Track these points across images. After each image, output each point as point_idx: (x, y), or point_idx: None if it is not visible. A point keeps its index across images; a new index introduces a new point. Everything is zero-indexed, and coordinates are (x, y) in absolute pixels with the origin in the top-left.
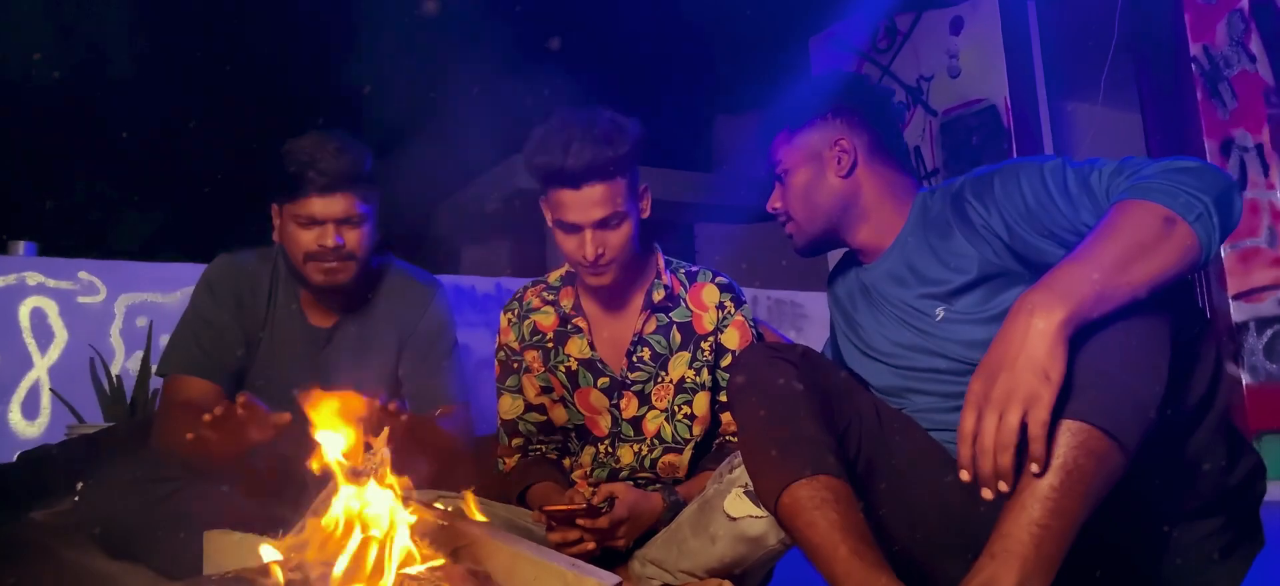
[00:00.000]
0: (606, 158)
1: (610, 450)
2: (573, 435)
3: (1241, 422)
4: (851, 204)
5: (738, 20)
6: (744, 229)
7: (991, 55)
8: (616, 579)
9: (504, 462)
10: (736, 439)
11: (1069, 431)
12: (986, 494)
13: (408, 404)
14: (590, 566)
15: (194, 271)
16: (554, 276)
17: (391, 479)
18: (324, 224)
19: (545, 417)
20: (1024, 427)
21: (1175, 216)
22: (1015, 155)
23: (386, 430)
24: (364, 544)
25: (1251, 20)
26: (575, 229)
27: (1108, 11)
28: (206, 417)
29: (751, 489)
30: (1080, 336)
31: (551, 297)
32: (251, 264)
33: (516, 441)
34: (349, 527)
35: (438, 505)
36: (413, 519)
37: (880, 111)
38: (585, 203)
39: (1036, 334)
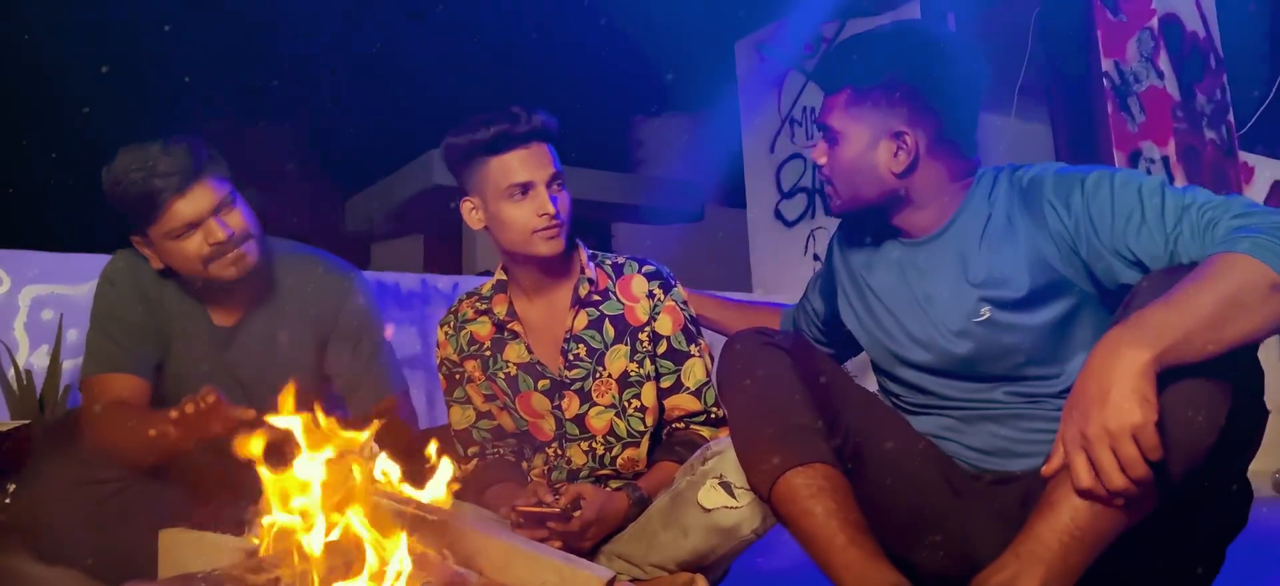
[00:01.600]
0: (548, 122)
1: (560, 452)
2: (523, 443)
3: None
4: (901, 195)
5: (660, 21)
6: (662, 230)
7: None
8: (611, 573)
9: (462, 471)
10: (685, 424)
11: None
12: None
13: (342, 399)
14: (584, 561)
15: (102, 264)
16: (486, 287)
17: (385, 471)
18: (201, 221)
19: (496, 422)
20: None
21: None
22: None
23: (375, 425)
24: (352, 540)
25: (1160, 38)
26: (528, 188)
27: (1022, 27)
28: (174, 413)
29: (726, 480)
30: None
31: (484, 307)
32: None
33: (473, 450)
34: (336, 522)
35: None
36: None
37: (958, 88)
38: (537, 159)
39: (1126, 365)
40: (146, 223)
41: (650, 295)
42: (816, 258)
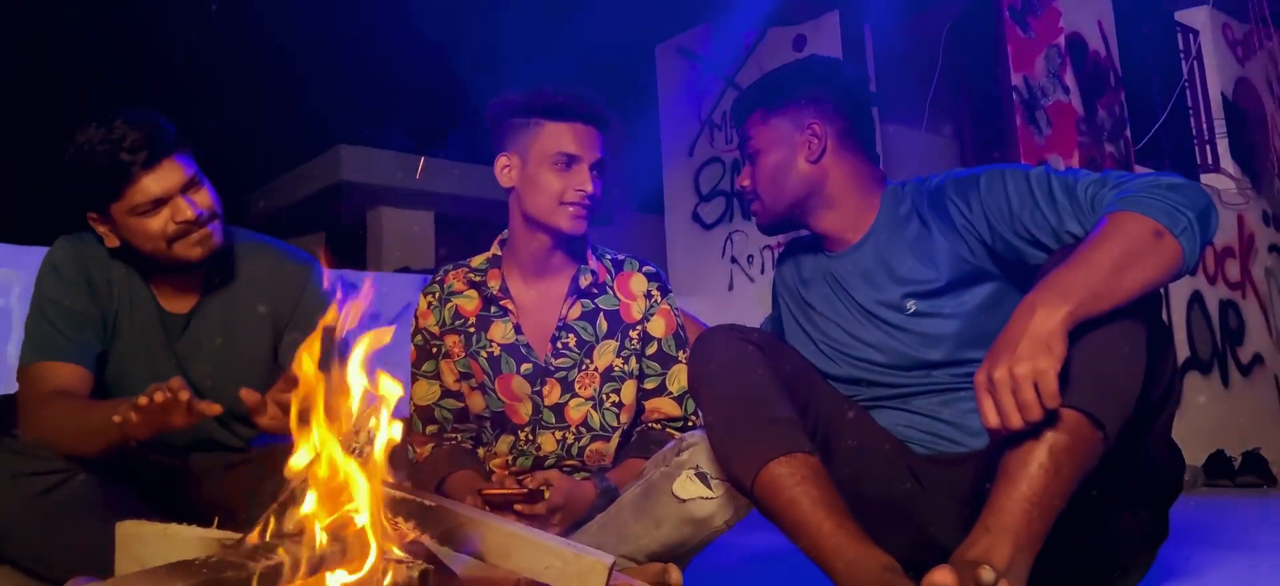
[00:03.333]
0: (608, 113)
1: (531, 437)
2: (488, 424)
3: None
4: (818, 190)
5: (578, 22)
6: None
7: None
8: (612, 558)
9: (416, 451)
10: (661, 427)
11: (1060, 415)
12: None
13: None
14: (586, 546)
15: (19, 254)
16: (478, 260)
17: (378, 458)
18: (169, 199)
19: (462, 405)
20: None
21: (1163, 229)
22: None
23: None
24: (348, 524)
25: (1067, 55)
26: (574, 161)
27: (933, 42)
28: (142, 400)
29: (702, 471)
30: (1071, 334)
31: (477, 279)
32: (95, 247)
33: (431, 428)
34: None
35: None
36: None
37: (855, 99)
38: (590, 140)
39: (1039, 322)
40: (110, 198)
41: (648, 295)
42: (734, 260)
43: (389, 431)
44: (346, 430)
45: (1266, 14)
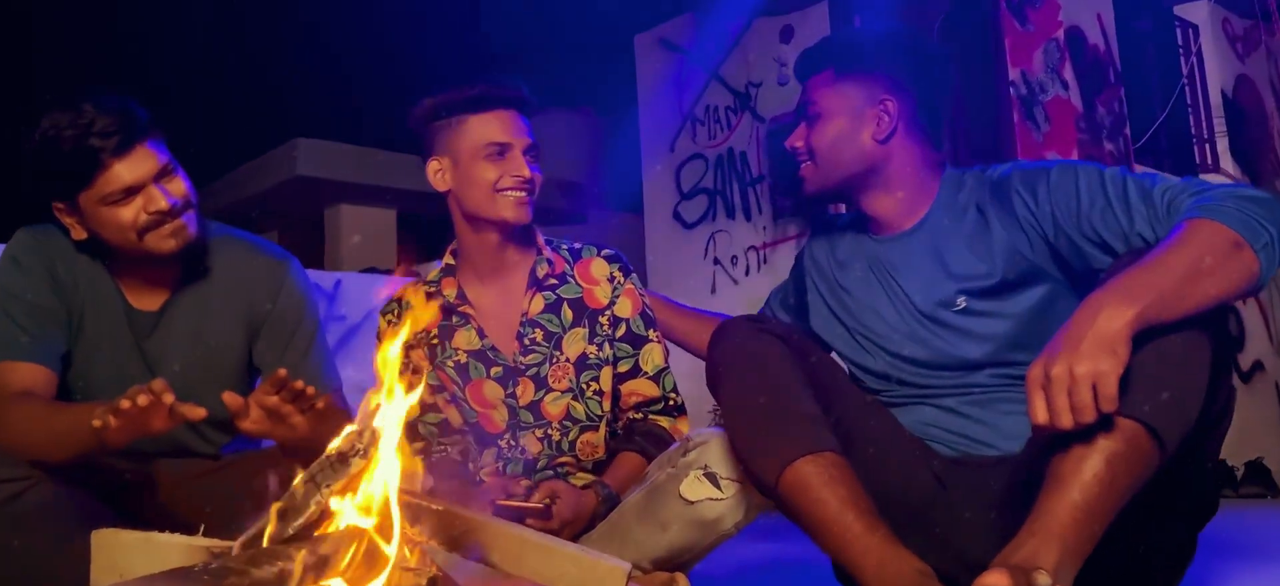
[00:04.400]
0: (530, 95)
1: (513, 443)
2: (471, 439)
3: None
4: (877, 170)
5: (554, 12)
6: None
7: None
8: (627, 565)
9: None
10: (643, 414)
11: (1118, 424)
12: None
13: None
14: (600, 552)
15: None
16: (432, 272)
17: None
18: (142, 187)
19: (444, 416)
20: None
21: (1243, 241)
22: None
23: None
24: (356, 532)
25: (1065, 50)
26: (505, 150)
27: (927, 33)
28: (124, 403)
29: (711, 471)
30: (1135, 341)
31: (432, 291)
32: (59, 238)
33: (418, 445)
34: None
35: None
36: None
37: (934, 79)
38: (517, 125)
39: (1105, 321)
40: (79, 186)
41: (611, 279)
42: (717, 261)
43: (401, 429)
44: (352, 430)
45: (1271, 7)
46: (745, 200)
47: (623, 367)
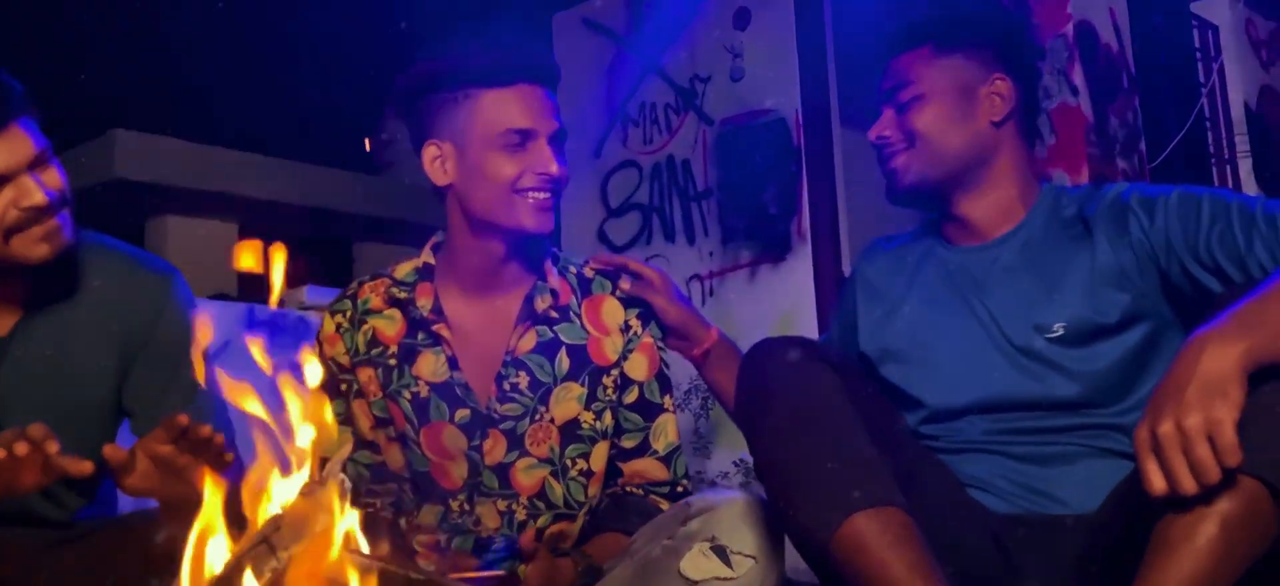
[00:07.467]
0: (556, 65)
1: (468, 507)
2: (408, 487)
3: None
4: (987, 162)
5: None
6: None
7: (783, 58)
8: None
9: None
10: (644, 493)
11: (1238, 483)
12: None
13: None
14: None
15: None
16: (404, 269)
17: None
18: (11, 177)
19: (380, 458)
20: None
21: None
22: (805, 178)
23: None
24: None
25: (1075, 48)
26: (530, 137)
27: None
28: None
29: (720, 543)
30: (1251, 383)
31: (403, 296)
32: None
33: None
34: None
35: None
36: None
37: (1034, 71)
38: (546, 107)
39: (1211, 361)
40: None
41: (625, 327)
42: None
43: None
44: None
45: None
46: (688, 219)
47: (628, 443)
